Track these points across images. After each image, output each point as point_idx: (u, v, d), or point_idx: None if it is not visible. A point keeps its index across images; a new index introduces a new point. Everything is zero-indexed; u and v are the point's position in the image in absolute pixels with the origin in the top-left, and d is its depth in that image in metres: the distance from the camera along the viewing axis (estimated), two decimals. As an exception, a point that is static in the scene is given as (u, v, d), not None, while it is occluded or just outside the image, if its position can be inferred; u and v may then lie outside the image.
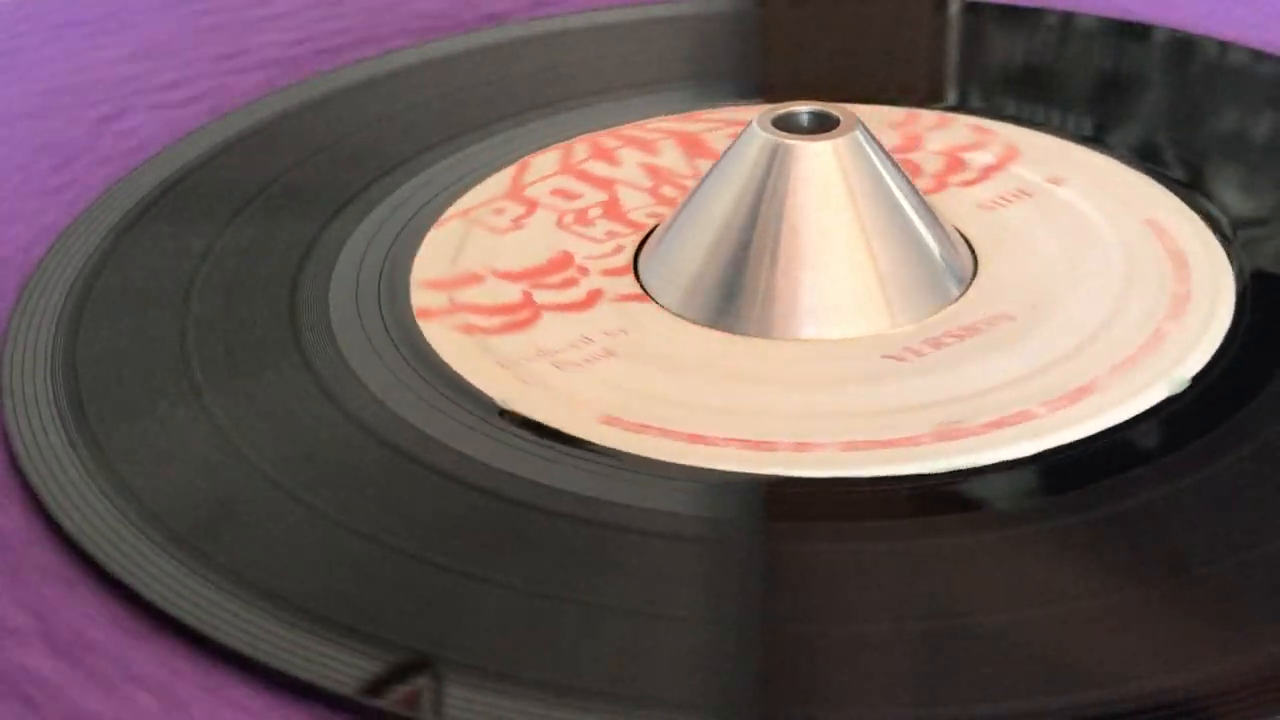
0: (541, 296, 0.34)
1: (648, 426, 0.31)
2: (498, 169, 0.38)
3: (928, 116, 0.40)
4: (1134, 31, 0.44)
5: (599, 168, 0.38)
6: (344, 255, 0.36)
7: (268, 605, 0.27)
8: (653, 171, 0.38)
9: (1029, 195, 0.37)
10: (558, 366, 0.32)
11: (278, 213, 0.37)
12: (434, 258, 0.35)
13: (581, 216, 0.36)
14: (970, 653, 0.26)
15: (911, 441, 0.30)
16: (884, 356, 0.32)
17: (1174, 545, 0.28)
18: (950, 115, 0.40)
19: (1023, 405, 0.31)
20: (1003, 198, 0.37)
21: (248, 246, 0.36)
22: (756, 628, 0.27)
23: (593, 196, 0.37)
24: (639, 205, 0.37)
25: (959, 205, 0.36)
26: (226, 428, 0.31)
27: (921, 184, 0.36)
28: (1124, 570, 0.27)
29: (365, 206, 0.37)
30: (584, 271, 0.35)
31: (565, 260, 0.35)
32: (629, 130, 0.40)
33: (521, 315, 0.34)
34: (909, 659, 0.26)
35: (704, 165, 0.37)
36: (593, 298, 0.34)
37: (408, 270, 0.35)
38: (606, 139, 0.39)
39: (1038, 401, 0.31)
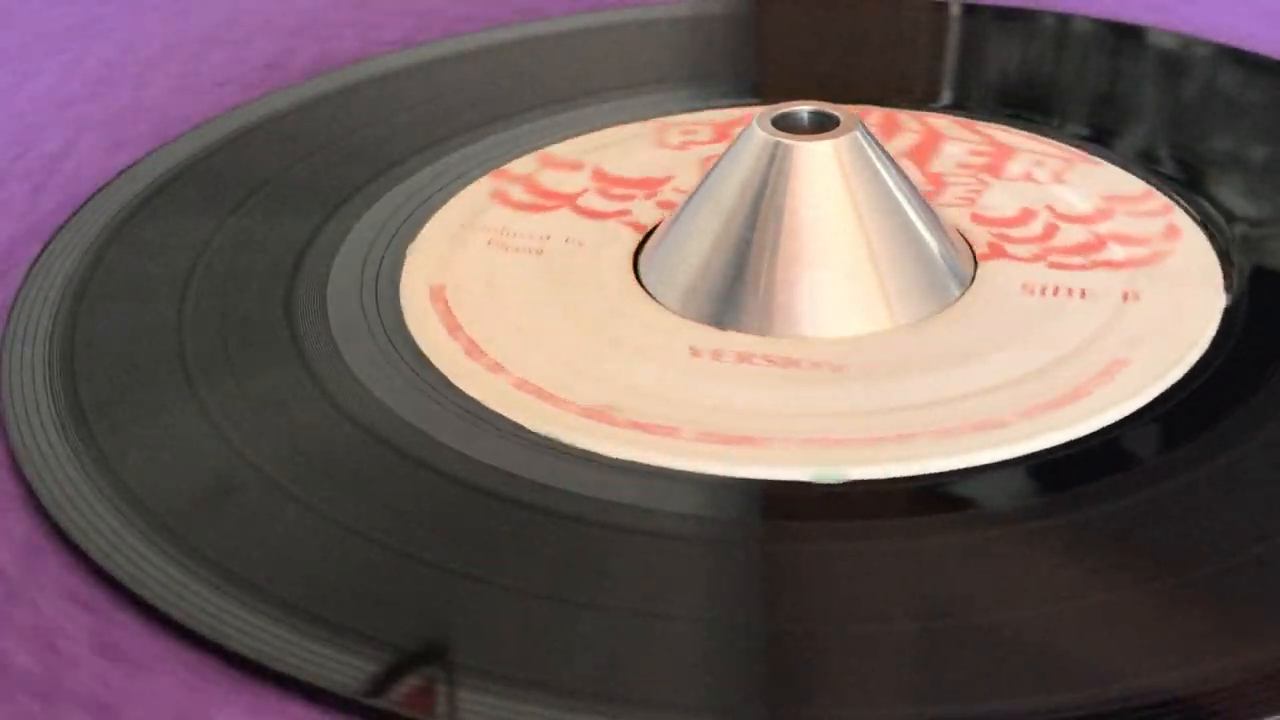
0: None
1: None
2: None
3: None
4: (1133, 34, 0.44)
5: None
6: (341, 251, 0.36)
7: (259, 601, 0.27)
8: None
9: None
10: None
11: (275, 209, 0.37)
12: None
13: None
14: (969, 652, 0.26)
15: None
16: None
17: (1172, 545, 0.28)
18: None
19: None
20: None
21: (245, 242, 0.36)
22: (756, 628, 0.27)
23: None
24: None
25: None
26: (223, 423, 0.31)
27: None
28: (1122, 570, 0.27)
29: (363, 204, 0.37)
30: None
31: None
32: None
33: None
34: (908, 659, 0.26)
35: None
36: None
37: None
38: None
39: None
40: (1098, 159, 0.38)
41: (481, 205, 0.37)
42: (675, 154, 0.39)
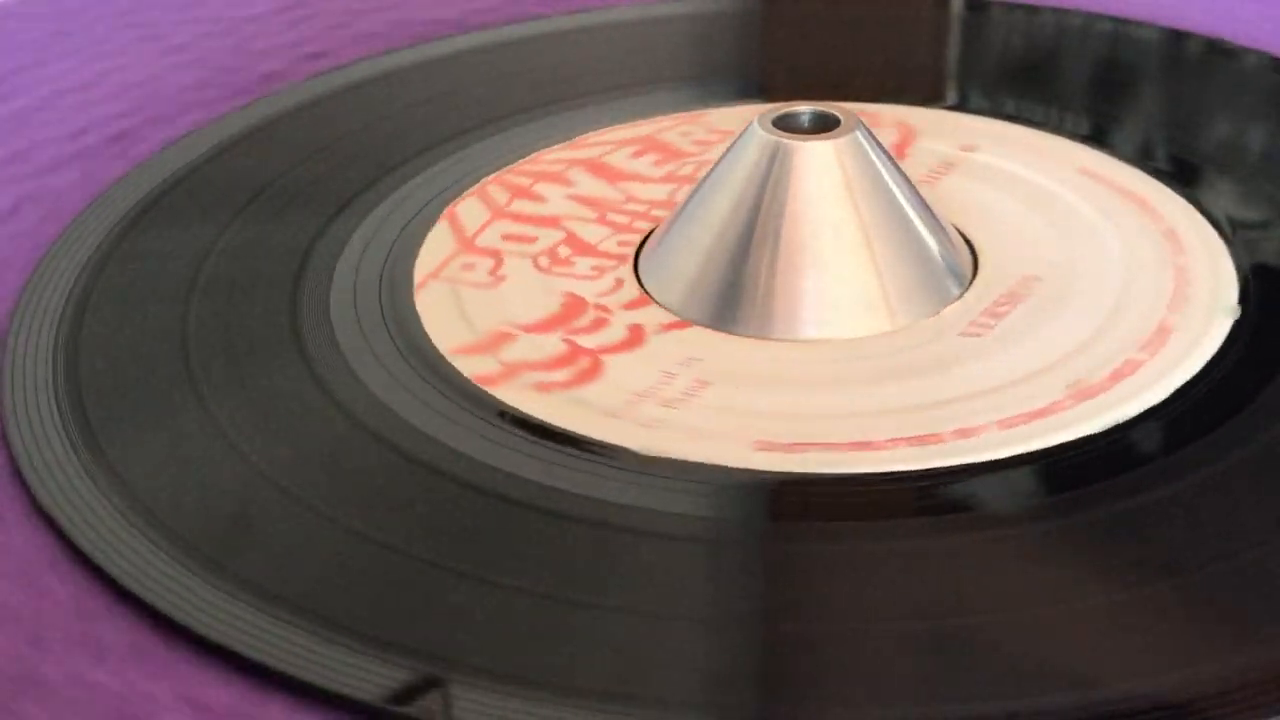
0: (586, 342, 0.33)
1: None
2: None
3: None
4: (1135, 29, 0.44)
5: (529, 207, 0.37)
6: (345, 254, 0.36)
7: (264, 604, 0.27)
8: (586, 202, 0.37)
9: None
10: (668, 405, 0.31)
11: (279, 212, 0.37)
12: (439, 319, 0.34)
13: (554, 256, 0.36)
14: (970, 653, 0.26)
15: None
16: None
17: (1174, 545, 0.28)
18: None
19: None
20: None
21: (249, 246, 0.36)
22: (757, 628, 0.27)
23: (549, 236, 0.36)
24: (600, 236, 0.36)
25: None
26: (226, 428, 0.31)
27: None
28: (1124, 570, 0.27)
29: (366, 206, 0.37)
30: (605, 310, 0.34)
31: (578, 303, 0.34)
32: (530, 166, 0.39)
33: (583, 364, 0.32)
34: (909, 659, 0.26)
35: (630, 187, 0.37)
36: (637, 334, 0.33)
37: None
38: (515, 177, 0.38)
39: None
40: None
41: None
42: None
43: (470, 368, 0.32)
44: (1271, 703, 0.25)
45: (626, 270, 0.35)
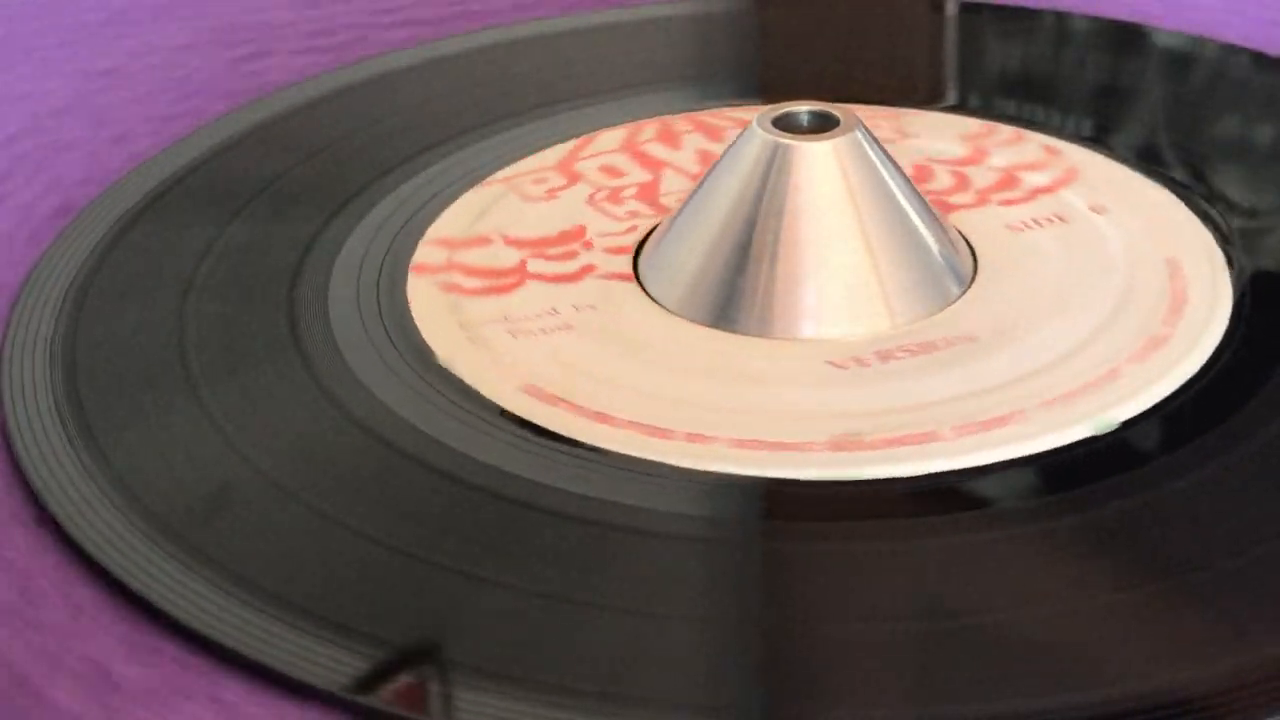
0: (535, 265, 0.35)
1: (562, 400, 0.31)
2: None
3: (1002, 131, 0.40)
4: (1143, 34, 0.44)
5: (658, 150, 0.39)
6: (343, 254, 0.36)
7: (262, 602, 0.27)
8: (705, 158, 0.38)
9: (1064, 221, 0.36)
10: (512, 334, 0.33)
11: (277, 211, 0.37)
12: (457, 216, 0.36)
13: (615, 195, 0.37)
14: (969, 653, 0.26)
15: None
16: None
17: (1172, 546, 0.28)
18: (1022, 132, 0.40)
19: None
20: (1036, 220, 0.36)
21: (247, 245, 0.36)
22: (755, 627, 0.27)
23: (637, 176, 0.38)
24: (677, 189, 0.37)
25: (989, 223, 0.36)
26: (225, 425, 0.31)
27: (964, 199, 0.37)
28: (1123, 570, 0.28)
29: (365, 206, 0.37)
30: (588, 246, 0.35)
31: (576, 233, 0.36)
32: (705, 116, 0.40)
33: (507, 280, 0.34)
34: (907, 659, 0.26)
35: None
36: (583, 272, 0.35)
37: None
38: (679, 122, 0.40)
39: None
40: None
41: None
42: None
43: (424, 255, 0.35)
44: (1271, 703, 0.25)
45: (655, 221, 0.36)
